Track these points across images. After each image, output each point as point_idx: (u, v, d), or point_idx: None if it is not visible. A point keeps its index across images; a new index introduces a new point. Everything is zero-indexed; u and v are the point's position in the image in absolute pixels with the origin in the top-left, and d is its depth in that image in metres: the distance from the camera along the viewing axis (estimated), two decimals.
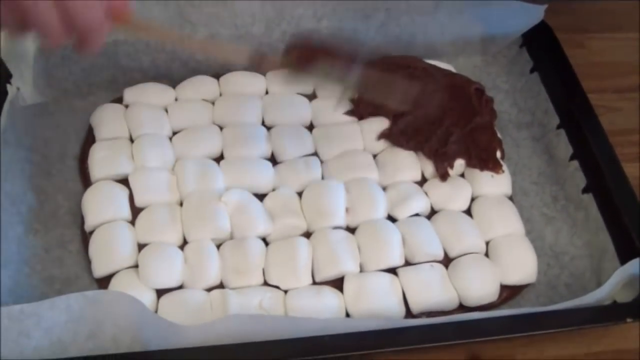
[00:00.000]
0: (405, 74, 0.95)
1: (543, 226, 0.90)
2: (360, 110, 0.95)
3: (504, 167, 0.92)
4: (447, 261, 0.84)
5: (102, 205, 0.83)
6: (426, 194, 0.89)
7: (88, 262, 0.81)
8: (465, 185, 0.90)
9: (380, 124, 0.94)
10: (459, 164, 0.91)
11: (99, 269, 0.80)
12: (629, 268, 0.78)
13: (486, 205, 0.89)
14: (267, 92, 0.98)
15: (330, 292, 0.80)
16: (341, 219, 0.85)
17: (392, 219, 0.87)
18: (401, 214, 0.87)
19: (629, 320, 0.76)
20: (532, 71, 1.02)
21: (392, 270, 0.83)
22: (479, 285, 0.82)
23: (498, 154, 0.92)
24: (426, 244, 0.84)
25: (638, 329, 0.82)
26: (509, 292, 0.83)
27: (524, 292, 0.85)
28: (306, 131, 0.94)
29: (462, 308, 0.82)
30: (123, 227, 0.82)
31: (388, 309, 0.79)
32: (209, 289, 0.79)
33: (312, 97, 0.98)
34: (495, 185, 0.90)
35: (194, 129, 0.92)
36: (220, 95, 0.97)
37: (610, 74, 1.10)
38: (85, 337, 0.70)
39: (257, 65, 0.80)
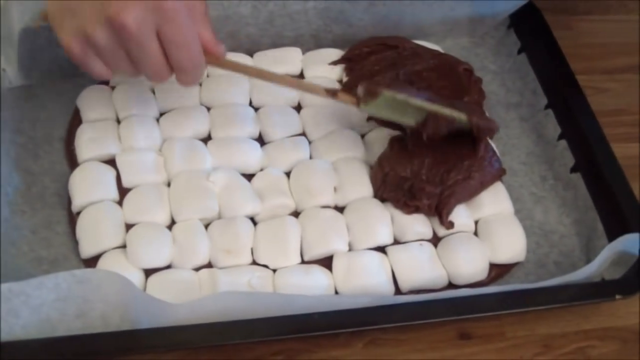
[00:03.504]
0: (394, 54, 0.95)
1: (532, 205, 0.90)
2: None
3: (493, 147, 0.91)
4: (436, 240, 0.84)
5: (89, 186, 0.83)
6: None
7: (75, 243, 0.81)
8: None
9: None
10: None
11: (87, 250, 0.79)
12: (617, 245, 0.78)
13: None
14: None
15: (319, 271, 0.80)
16: (329, 198, 0.85)
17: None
18: None
19: (618, 297, 0.77)
20: (519, 52, 1.02)
21: (382, 249, 0.82)
22: (468, 263, 0.82)
23: None
24: (415, 223, 0.84)
25: (627, 306, 0.83)
26: (498, 271, 0.83)
27: (513, 270, 0.85)
28: (294, 111, 0.94)
29: (451, 287, 0.82)
30: (110, 207, 0.82)
31: (377, 287, 0.79)
32: (198, 269, 0.79)
33: (299, 76, 0.98)
34: None
35: (181, 110, 0.91)
36: (207, 76, 0.96)
37: (598, 56, 1.11)
38: (73, 315, 0.70)
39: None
